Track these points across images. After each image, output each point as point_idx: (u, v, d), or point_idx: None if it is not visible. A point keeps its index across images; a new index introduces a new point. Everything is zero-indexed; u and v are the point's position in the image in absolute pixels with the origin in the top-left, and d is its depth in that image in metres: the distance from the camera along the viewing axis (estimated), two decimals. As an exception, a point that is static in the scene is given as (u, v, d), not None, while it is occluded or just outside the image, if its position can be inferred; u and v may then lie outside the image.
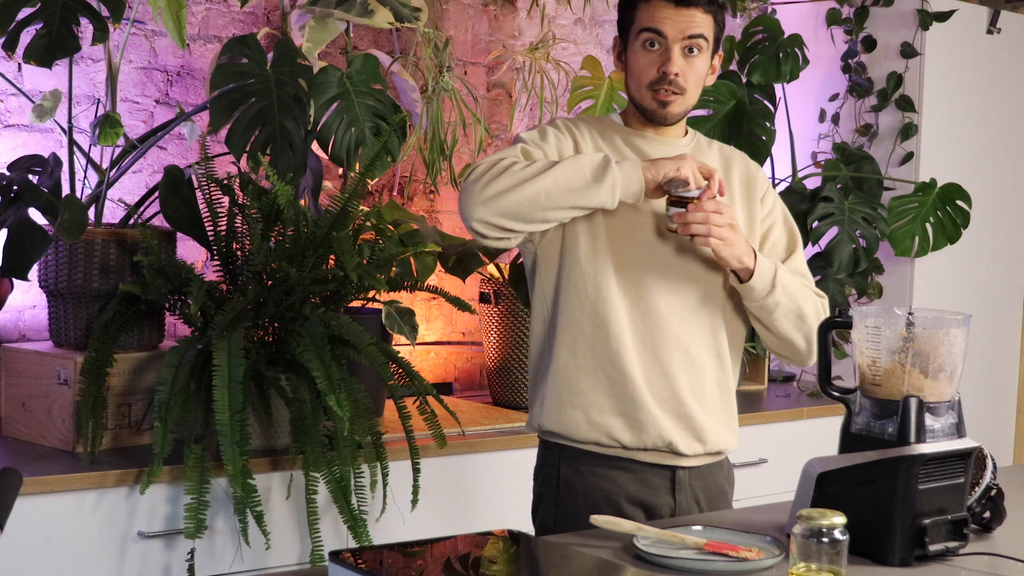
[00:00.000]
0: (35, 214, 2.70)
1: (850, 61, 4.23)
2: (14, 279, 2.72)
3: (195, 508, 2.58)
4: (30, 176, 2.77)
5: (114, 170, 2.98)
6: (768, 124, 4.02)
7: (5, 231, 2.66)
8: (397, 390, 2.84)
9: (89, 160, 3.01)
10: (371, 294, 2.97)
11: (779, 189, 4.07)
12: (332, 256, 2.84)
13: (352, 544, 2.81)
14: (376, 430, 2.82)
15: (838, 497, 1.99)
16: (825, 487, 2.04)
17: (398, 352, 2.93)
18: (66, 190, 2.86)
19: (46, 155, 2.86)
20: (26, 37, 2.71)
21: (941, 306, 4.00)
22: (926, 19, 4.12)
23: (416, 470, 2.83)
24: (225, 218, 2.91)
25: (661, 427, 2.32)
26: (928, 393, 2.03)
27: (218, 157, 3.15)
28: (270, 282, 2.84)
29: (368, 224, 3.02)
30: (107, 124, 2.81)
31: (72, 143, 2.96)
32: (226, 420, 2.60)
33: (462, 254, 3.32)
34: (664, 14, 2.31)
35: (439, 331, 3.86)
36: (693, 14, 2.31)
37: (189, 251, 3.28)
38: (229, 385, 2.62)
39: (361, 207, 2.96)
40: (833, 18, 4.27)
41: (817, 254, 3.98)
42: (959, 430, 2.07)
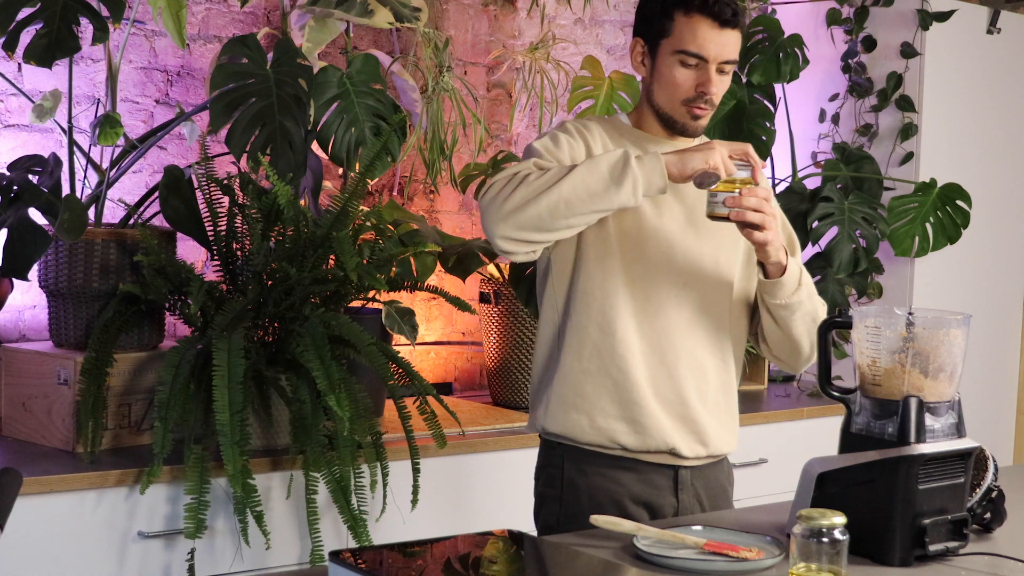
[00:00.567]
0: (35, 214, 2.70)
1: (850, 61, 4.23)
2: (14, 279, 2.72)
3: (195, 508, 2.58)
4: (30, 176, 2.77)
5: (114, 170, 2.98)
6: (768, 124, 4.02)
7: (5, 231, 2.66)
8: (397, 390, 2.84)
9: (89, 160, 3.01)
10: (371, 294, 2.97)
11: (779, 189, 4.08)
12: (332, 256, 2.84)
13: (352, 544, 2.81)
14: (376, 430, 2.82)
15: (838, 497, 1.99)
16: (825, 487, 2.04)
17: (398, 352, 2.93)
18: (66, 190, 2.86)
19: (46, 155, 2.86)
20: (26, 37, 2.71)
21: (941, 306, 4.00)
22: (926, 19, 4.12)
23: (416, 470, 2.83)
24: (225, 218, 2.91)
25: (665, 432, 2.32)
26: (928, 393, 2.03)
27: (218, 157, 3.15)
28: (270, 282, 2.84)
29: (368, 224, 3.02)
30: (107, 124, 2.81)
31: (72, 143, 2.96)
32: (226, 420, 2.60)
33: (462, 254, 3.32)
34: (706, 35, 2.27)
35: (439, 331, 3.86)
36: (732, 36, 2.29)
37: (189, 251, 3.28)
38: (229, 385, 2.62)
39: (361, 207, 2.96)
40: (833, 18, 4.27)
41: (817, 254, 3.98)
42: (959, 430, 2.07)
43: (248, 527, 2.65)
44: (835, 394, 2.13)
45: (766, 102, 4.07)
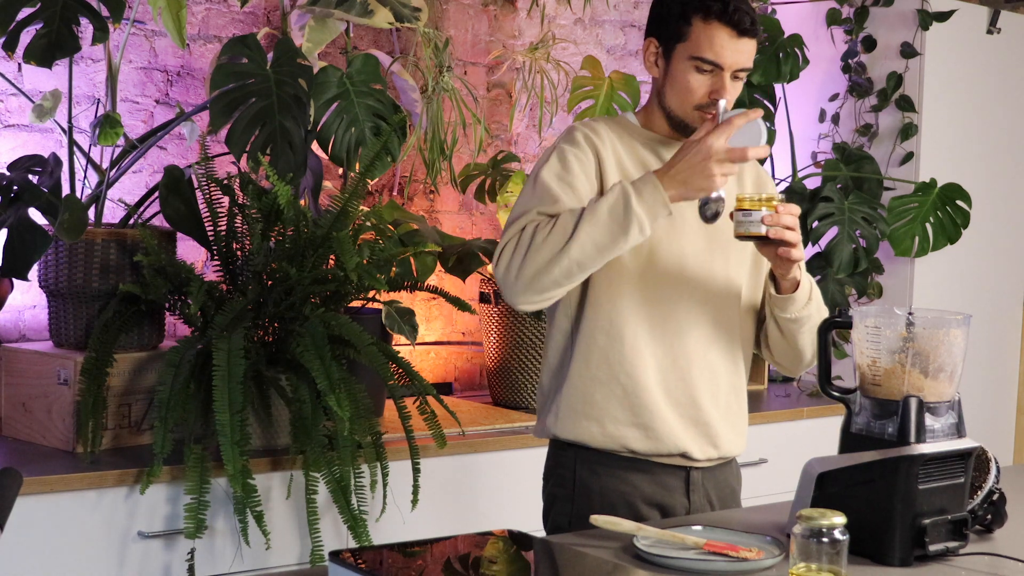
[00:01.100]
0: (35, 214, 2.70)
1: (850, 61, 4.23)
2: (14, 279, 2.72)
3: (195, 508, 2.58)
4: (30, 176, 2.77)
5: (114, 170, 2.98)
6: (768, 124, 4.02)
7: (5, 231, 2.66)
8: (397, 390, 2.84)
9: (89, 160, 3.01)
10: (371, 294, 2.97)
11: (779, 189, 4.07)
12: (332, 256, 2.84)
13: (352, 544, 2.81)
14: (376, 430, 2.82)
15: (838, 497, 1.99)
16: (825, 487, 2.04)
17: (398, 352, 2.93)
18: (66, 190, 2.86)
19: (46, 155, 2.86)
20: (26, 37, 2.71)
21: (941, 306, 4.00)
22: (926, 19, 4.12)
23: (416, 470, 2.83)
24: (225, 218, 2.91)
25: (676, 436, 2.33)
26: (928, 393, 2.03)
27: (218, 157, 3.15)
28: (270, 282, 2.84)
29: (368, 224, 3.03)
30: (107, 124, 2.81)
31: (72, 143, 2.96)
32: (226, 420, 2.60)
33: (462, 254, 3.32)
34: (723, 43, 2.24)
35: (439, 331, 3.86)
36: (749, 44, 2.27)
37: (189, 251, 3.28)
38: (229, 385, 2.62)
39: (361, 207, 2.96)
40: (833, 18, 4.27)
41: (817, 254, 3.98)
42: (959, 430, 2.07)
43: (248, 527, 2.65)
44: (835, 394, 2.13)
45: (766, 102, 4.07)
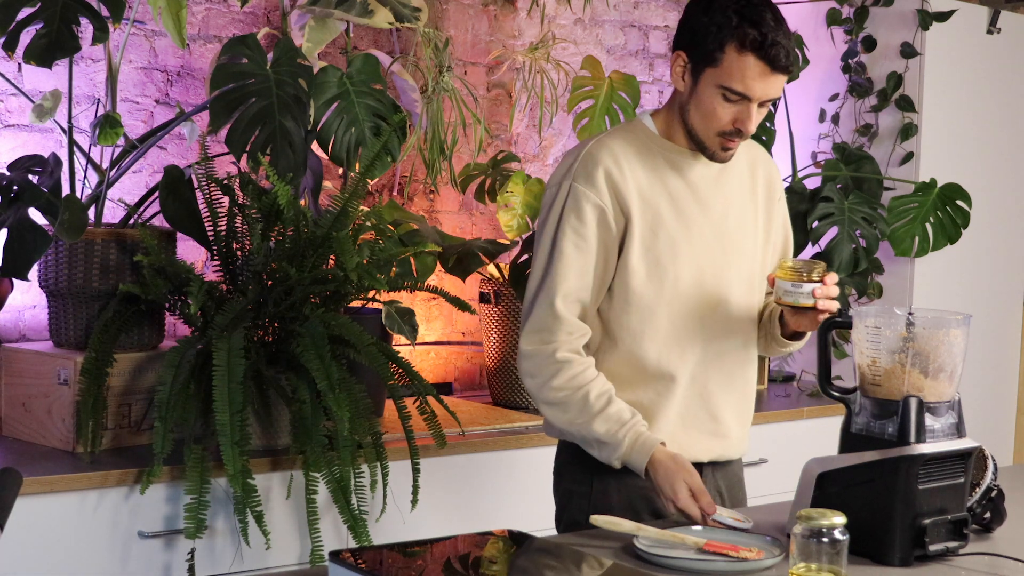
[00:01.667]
0: (35, 214, 2.70)
1: (850, 61, 4.23)
2: (14, 279, 2.71)
3: (195, 508, 2.58)
4: (30, 176, 2.77)
5: (114, 170, 2.98)
6: (768, 124, 4.02)
7: (5, 231, 2.66)
8: (397, 390, 2.84)
9: (89, 160, 3.01)
10: (371, 294, 2.97)
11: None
12: (332, 256, 2.84)
13: (352, 544, 2.81)
14: (376, 430, 2.82)
15: (838, 497, 1.99)
16: (825, 487, 2.04)
17: (398, 352, 2.93)
18: (66, 190, 2.86)
19: (46, 155, 2.86)
20: (26, 37, 2.71)
21: (941, 306, 4.00)
22: (926, 19, 4.12)
23: (416, 470, 2.83)
24: (225, 218, 2.91)
25: (696, 452, 2.36)
26: (928, 393, 2.03)
27: (218, 157, 3.15)
28: (270, 282, 2.84)
29: (368, 224, 3.02)
30: (107, 124, 2.81)
31: (72, 143, 2.96)
32: (226, 420, 2.60)
33: (462, 254, 3.32)
34: (753, 76, 2.19)
35: (439, 331, 3.86)
36: (781, 80, 2.23)
37: (189, 251, 3.28)
38: (229, 385, 2.62)
39: (361, 207, 2.96)
40: (833, 18, 4.27)
41: (817, 254, 3.98)
42: (959, 430, 2.07)
43: (248, 527, 2.65)
44: (835, 394, 2.13)
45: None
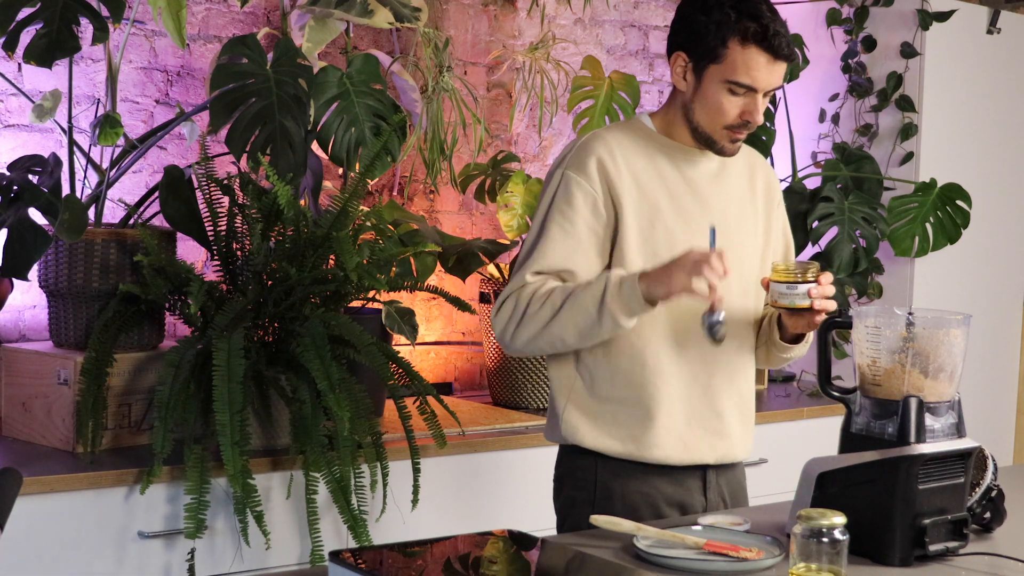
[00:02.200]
0: (35, 214, 2.70)
1: (850, 61, 4.23)
2: (14, 279, 2.71)
3: (195, 508, 2.58)
4: (30, 176, 2.77)
5: (114, 170, 2.98)
6: (768, 124, 4.02)
7: (5, 231, 2.66)
8: (397, 390, 2.84)
9: (89, 160, 3.01)
10: (371, 294, 2.97)
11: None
12: (332, 256, 2.84)
13: (352, 544, 2.81)
14: (376, 430, 2.82)
15: (838, 497, 1.99)
16: (825, 487, 2.04)
17: (398, 352, 2.93)
18: (66, 190, 2.86)
19: (46, 155, 2.86)
20: (26, 37, 2.71)
21: (941, 306, 4.00)
22: (926, 19, 4.12)
23: (416, 470, 2.83)
24: (225, 218, 2.91)
25: (700, 450, 2.36)
26: (928, 393, 2.03)
27: (218, 157, 3.15)
28: (270, 282, 2.84)
29: (368, 224, 3.02)
30: (107, 124, 2.81)
31: (72, 143, 2.96)
32: (226, 420, 2.60)
33: (462, 254, 3.32)
34: (758, 67, 2.23)
35: (439, 331, 3.86)
36: (783, 68, 2.27)
37: (189, 251, 3.28)
38: (229, 385, 2.62)
39: (361, 207, 2.96)
40: (833, 18, 4.27)
41: (817, 254, 3.98)
42: (959, 430, 2.07)
43: (248, 527, 2.65)
44: (835, 394, 2.13)
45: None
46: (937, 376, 2.04)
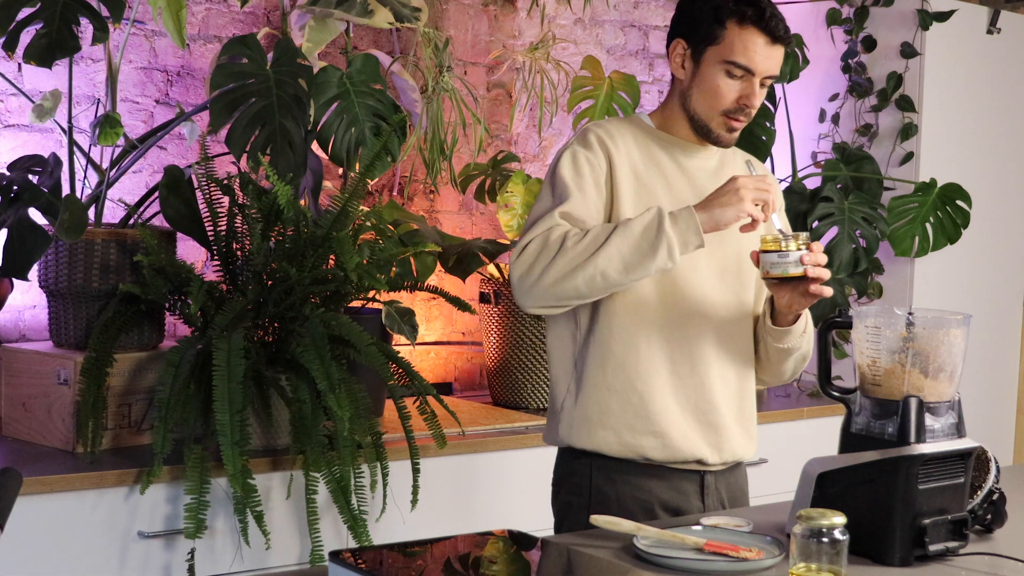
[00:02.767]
0: (35, 214, 2.70)
1: (850, 61, 4.23)
2: (14, 279, 2.72)
3: (195, 508, 2.58)
4: (30, 176, 2.77)
5: (114, 170, 2.98)
6: (768, 124, 4.02)
7: (5, 231, 2.66)
8: (397, 390, 2.84)
9: (89, 160, 3.01)
10: (371, 294, 2.97)
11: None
12: (332, 256, 2.84)
13: (352, 544, 2.81)
14: (376, 430, 2.82)
15: (838, 497, 1.99)
16: (825, 487, 2.04)
17: (398, 352, 2.93)
18: (66, 190, 2.86)
19: (46, 155, 2.86)
20: (26, 37, 2.71)
21: (941, 306, 4.00)
22: (926, 19, 4.12)
23: (416, 470, 2.83)
24: (225, 218, 2.91)
25: (693, 444, 2.34)
26: (928, 393, 2.03)
27: (218, 157, 3.15)
28: (270, 282, 2.84)
29: (368, 224, 3.03)
30: (107, 124, 2.81)
31: (72, 143, 2.96)
32: (226, 420, 2.60)
33: (462, 254, 3.32)
34: (756, 48, 2.26)
35: (439, 331, 3.86)
36: (780, 52, 2.29)
37: (189, 251, 3.28)
38: (229, 385, 2.62)
39: (361, 207, 2.96)
40: (833, 18, 4.27)
41: (817, 254, 3.98)
42: (959, 430, 2.07)
43: (248, 527, 2.65)
44: (835, 394, 2.13)
45: (766, 102, 4.07)
46: (937, 376, 2.04)
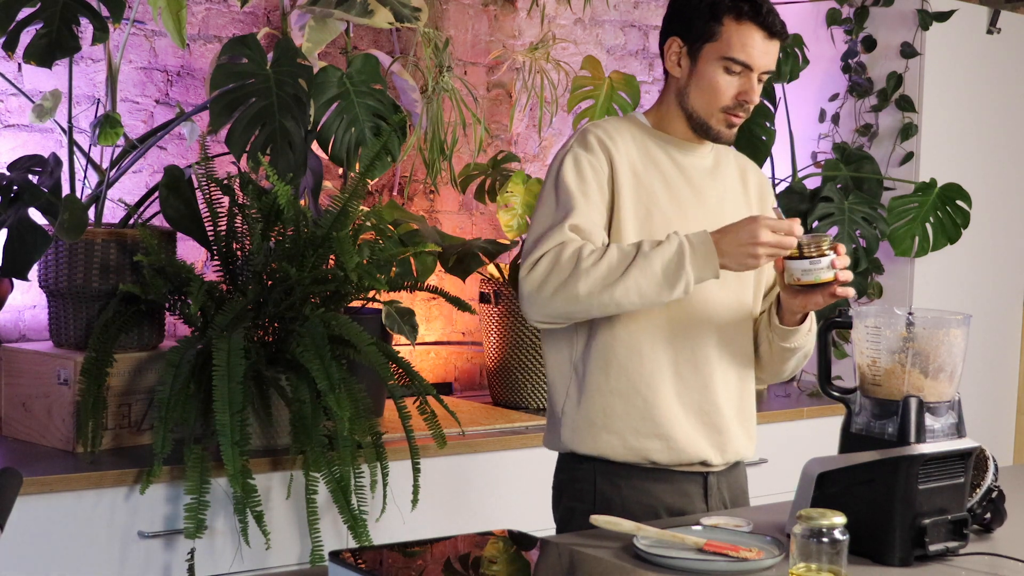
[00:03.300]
0: (35, 214, 2.70)
1: (850, 61, 4.23)
2: (14, 279, 2.72)
3: (195, 508, 2.58)
4: (30, 176, 2.77)
5: (114, 170, 2.98)
6: (768, 124, 4.02)
7: (5, 231, 2.66)
8: (397, 390, 2.84)
9: (89, 160, 3.01)
10: (371, 294, 2.97)
11: (779, 189, 4.08)
12: (332, 256, 2.85)
13: (352, 544, 2.81)
14: (376, 430, 2.82)
15: (838, 497, 1.99)
16: (825, 487, 2.04)
17: (398, 352, 2.93)
18: (66, 190, 2.86)
19: (46, 155, 2.86)
20: (26, 37, 2.71)
21: (941, 306, 4.00)
22: (926, 19, 4.12)
23: (416, 470, 2.83)
24: (225, 218, 2.91)
25: (697, 446, 2.33)
26: (928, 393, 2.03)
27: (218, 157, 3.15)
28: (270, 282, 2.84)
29: (368, 224, 3.03)
30: (107, 124, 2.81)
31: (72, 143, 2.96)
32: (226, 420, 2.60)
33: (462, 254, 3.32)
34: (753, 43, 2.26)
35: (439, 331, 3.86)
36: (777, 47, 2.30)
37: (189, 251, 3.28)
38: (229, 385, 2.62)
39: (361, 207, 2.96)
40: (833, 18, 4.27)
41: (817, 254, 3.98)
42: (959, 430, 2.07)
43: (248, 527, 2.65)
44: (835, 394, 2.13)
45: (766, 102, 4.07)
46: (937, 376, 2.04)
